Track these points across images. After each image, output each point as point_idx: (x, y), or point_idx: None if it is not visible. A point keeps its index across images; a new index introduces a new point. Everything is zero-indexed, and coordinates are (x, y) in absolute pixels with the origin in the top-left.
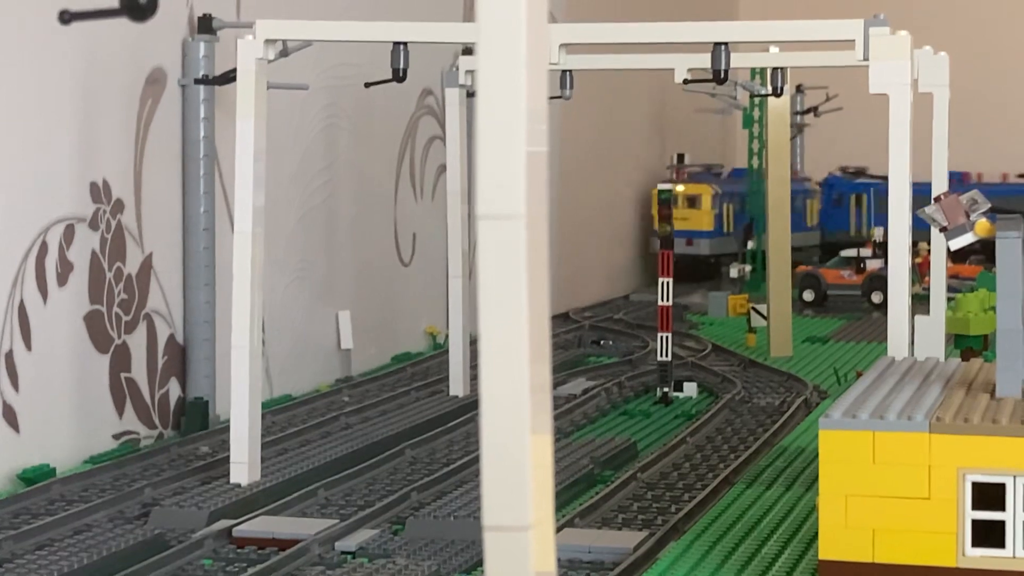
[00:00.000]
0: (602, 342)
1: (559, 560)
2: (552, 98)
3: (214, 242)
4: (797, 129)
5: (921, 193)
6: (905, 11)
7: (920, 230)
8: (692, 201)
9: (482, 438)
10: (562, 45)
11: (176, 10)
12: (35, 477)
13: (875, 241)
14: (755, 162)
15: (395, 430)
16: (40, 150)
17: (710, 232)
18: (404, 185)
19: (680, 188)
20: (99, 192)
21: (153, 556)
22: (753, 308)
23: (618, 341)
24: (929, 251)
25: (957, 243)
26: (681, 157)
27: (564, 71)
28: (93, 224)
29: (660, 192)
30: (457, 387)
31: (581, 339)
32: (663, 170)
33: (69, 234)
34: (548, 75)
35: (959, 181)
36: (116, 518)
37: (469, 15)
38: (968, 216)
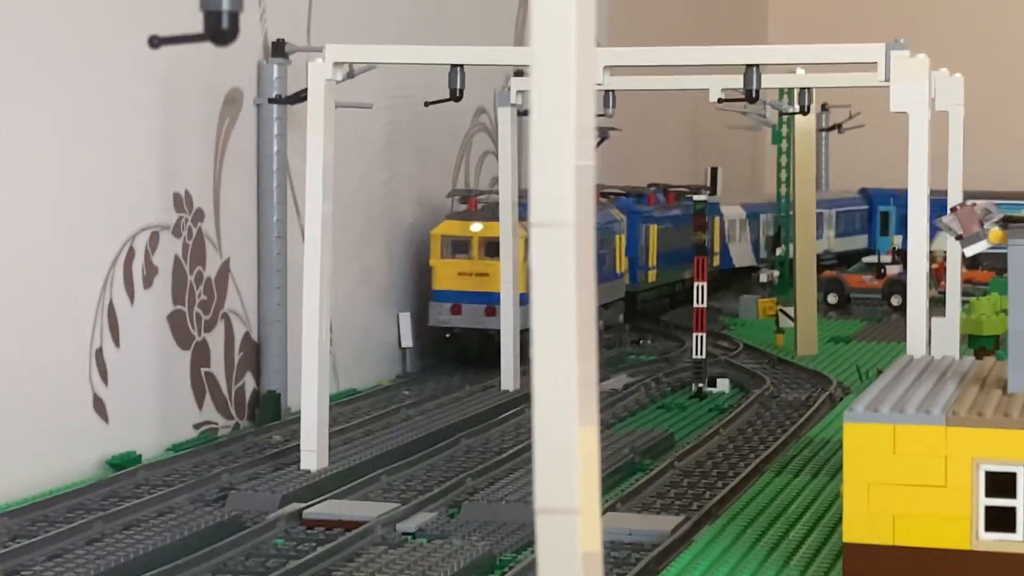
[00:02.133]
0: (641, 341)
1: (603, 541)
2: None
3: (286, 248)
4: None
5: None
6: (923, 33)
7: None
8: (494, 247)
9: (534, 428)
10: (606, 67)
11: (252, 35)
12: (122, 463)
13: (894, 248)
14: (783, 175)
15: (451, 421)
16: (128, 163)
17: (523, 296)
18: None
19: (477, 228)
20: (182, 202)
21: (230, 536)
22: (781, 310)
23: (656, 341)
24: (945, 257)
25: (972, 250)
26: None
27: (607, 91)
28: (176, 231)
29: (696, 203)
30: (508, 382)
31: (622, 339)
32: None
33: (154, 241)
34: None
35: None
36: (196, 501)
37: (520, 39)
38: (982, 225)
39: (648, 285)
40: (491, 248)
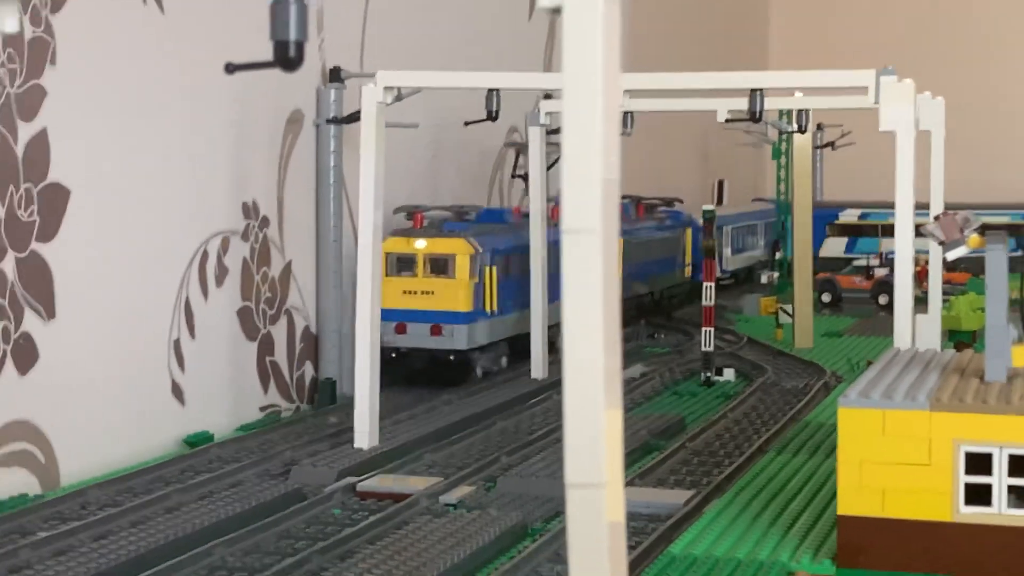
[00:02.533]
0: (656, 335)
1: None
2: None
3: (341, 252)
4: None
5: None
6: (908, 59)
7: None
8: (440, 265)
9: (565, 411)
10: (626, 91)
11: (312, 62)
12: (197, 441)
13: (882, 253)
14: (782, 188)
15: (487, 406)
16: (202, 176)
17: (468, 315)
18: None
19: (421, 245)
20: (249, 210)
21: (292, 506)
22: (781, 308)
23: (669, 335)
24: (927, 261)
25: (953, 255)
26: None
27: (626, 112)
28: (244, 236)
29: (704, 212)
30: (537, 371)
31: (639, 333)
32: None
33: (226, 244)
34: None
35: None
36: (262, 475)
37: (548, 66)
38: (962, 232)
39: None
40: (436, 265)
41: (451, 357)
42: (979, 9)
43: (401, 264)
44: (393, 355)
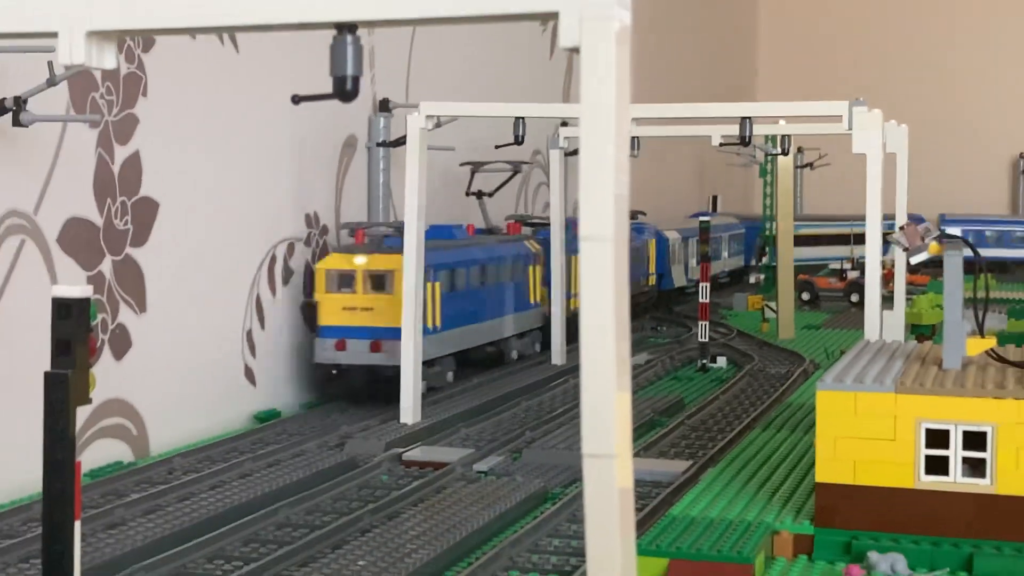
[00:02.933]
0: (658, 328)
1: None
2: None
3: None
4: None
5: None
6: (877, 91)
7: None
8: (379, 281)
9: (582, 393)
10: (633, 119)
11: (365, 94)
12: (266, 417)
13: (854, 258)
14: (768, 202)
15: (513, 388)
16: (272, 191)
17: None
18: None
19: (361, 261)
20: (311, 220)
21: (347, 473)
22: (766, 304)
23: (670, 327)
24: (893, 265)
25: (916, 259)
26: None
27: (633, 137)
28: (307, 242)
29: (701, 223)
30: (557, 358)
31: (644, 325)
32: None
33: (291, 249)
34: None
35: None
36: (322, 446)
37: (566, 97)
38: (924, 240)
39: (574, 312)
40: (377, 282)
41: (390, 374)
42: (939, 47)
43: (341, 281)
44: (334, 372)
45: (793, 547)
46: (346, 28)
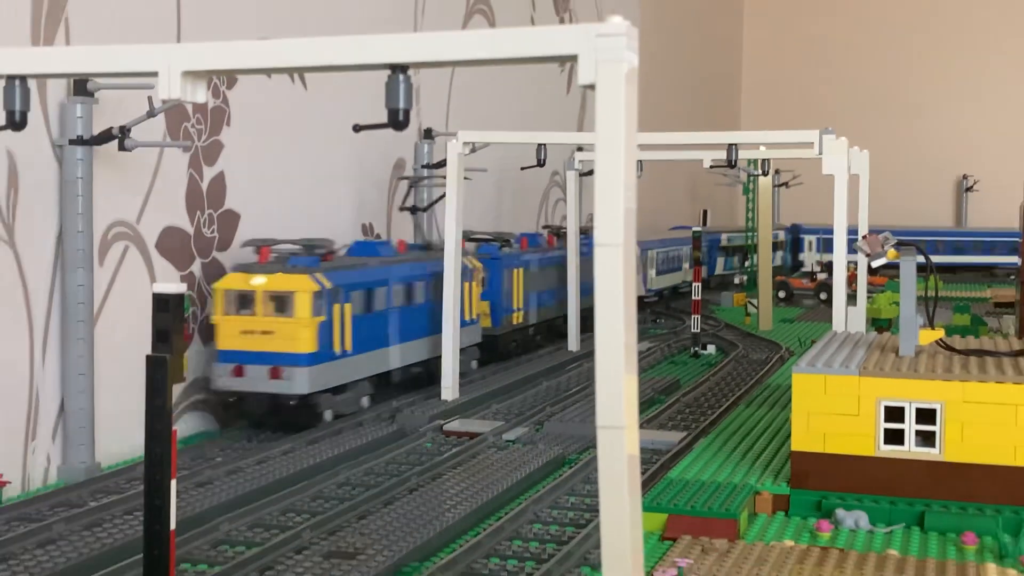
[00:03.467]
0: (657, 320)
1: None
2: None
3: None
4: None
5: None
6: (843, 121)
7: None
8: (280, 303)
9: (596, 374)
10: (638, 144)
11: (412, 124)
12: None
13: (822, 262)
14: (750, 216)
15: (535, 371)
16: (334, 205)
17: (311, 356)
18: (541, 227)
19: (259, 281)
20: (367, 229)
21: (397, 441)
22: (749, 301)
23: (667, 320)
24: (856, 268)
25: (876, 263)
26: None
27: (638, 160)
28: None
29: (693, 232)
30: (573, 345)
31: (644, 318)
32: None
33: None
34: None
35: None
36: (376, 419)
37: (580, 126)
38: (883, 247)
39: (515, 326)
40: (276, 303)
41: (292, 402)
42: (897, 83)
43: (240, 302)
44: (231, 400)
45: (772, 505)
46: (399, 69)
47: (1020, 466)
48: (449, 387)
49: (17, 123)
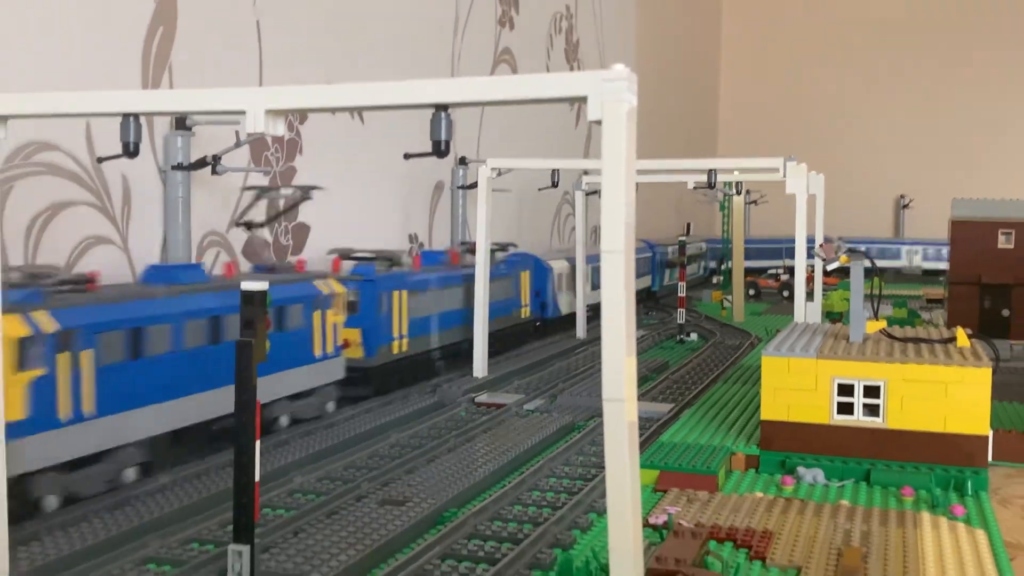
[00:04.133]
0: (649, 313)
1: None
2: None
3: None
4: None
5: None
6: (803, 148)
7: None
8: None
9: (603, 356)
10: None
11: (451, 153)
12: None
13: (786, 265)
14: (726, 227)
15: (549, 354)
16: (386, 217)
17: (18, 426)
18: (554, 239)
19: None
20: (412, 237)
21: (437, 410)
22: (725, 297)
23: (657, 312)
24: (813, 270)
25: (831, 267)
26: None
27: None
28: (410, 253)
29: (679, 240)
30: (581, 333)
31: (638, 311)
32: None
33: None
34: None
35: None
36: (420, 391)
37: (587, 153)
38: (837, 253)
39: (396, 356)
40: None
41: None
42: (848, 116)
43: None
44: None
45: (745, 463)
46: (441, 108)
47: (948, 432)
48: (480, 366)
49: (131, 152)
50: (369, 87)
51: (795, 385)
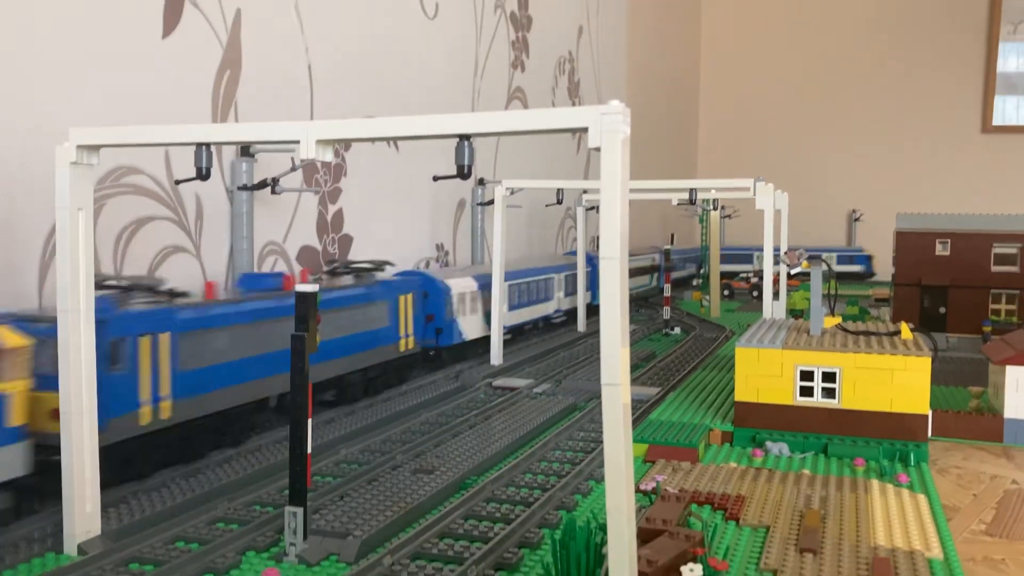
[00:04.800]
0: (639, 310)
1: None
2: None
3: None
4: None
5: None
6: (769, 168)
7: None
8: None
9: (601, 347)
10: None
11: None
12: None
13: (756, 269)
14: (706, 238)
15: (553, 346)
16: (417, 230)
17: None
18: (559, 247)
19: None
20: (439, 247)
21: (460, 392)
22: (703, 297)
23: (646, 310)
24: (779, 274)
25: (794, 271)
26: None
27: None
28: (437, 260)
29: (665, 249)
30: (580, 327)
31: (628, 309)
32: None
33: (427, 263)
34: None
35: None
36: (446, 377)
37: (586, 175)
38: (799, 260)
39: (155, 426)
40: None
41: None
42: (810, 140)
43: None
44: None
45: (721, 438)
46: (464, 137)
47: (894, 412)
48: (496, 354)
49: (204, 176)
50: (403, 120)
51: (764, 372)
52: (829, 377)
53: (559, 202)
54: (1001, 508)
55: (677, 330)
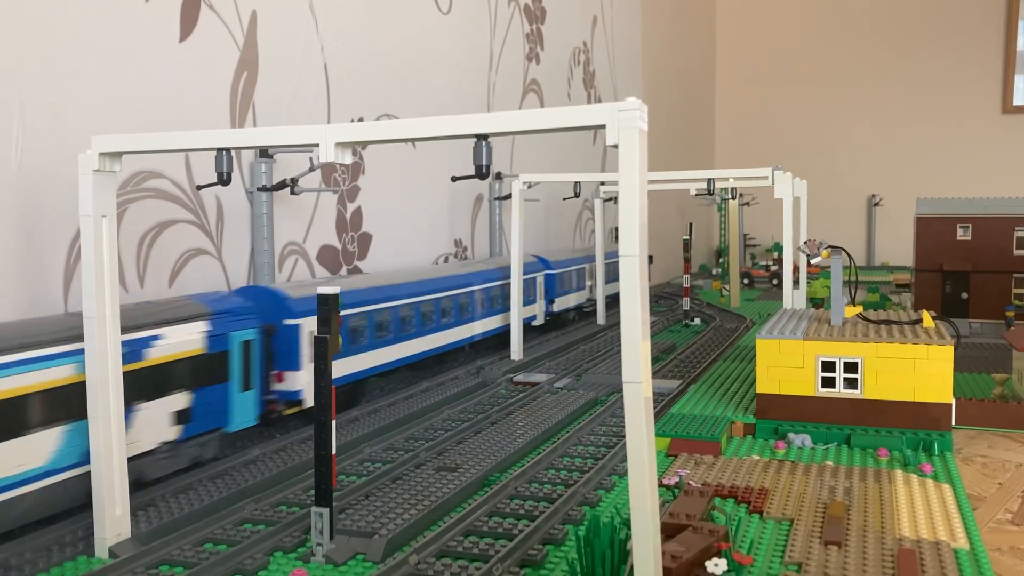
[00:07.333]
0: (659, 301)
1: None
2: None
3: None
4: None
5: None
6: (789, 157)
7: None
8: None
9: (622, 341)
10: None
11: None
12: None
13: (776, 257)
14: (723, 228)
15: (574, 339)
16: (436, 226)
17: None
18: (577, 241)
19: None
20: (458, 243)
21: (481, 388)
22: (723, 286)
23: (666, 301)
24: (799, 263)
25: (814, 261)
26: None
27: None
28: (456, 255)
29: (684, 240)
30: (600, 320)
31: (648, 300)
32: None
33: (447, 258)
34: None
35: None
36: (467, 373)
37: (603, 168)
38: (819, 249)
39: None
40: None
41: None
42: (828, 128)
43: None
44: None
45: (743, 431)
46: (482, 137)
47: (917, 401)
48: (517, 349)
49: (224, 180)
50: (421, 121)
51: (785, 363)
52: (851, 367)
53: (576, 195)
54: None
55: (697, 321)
